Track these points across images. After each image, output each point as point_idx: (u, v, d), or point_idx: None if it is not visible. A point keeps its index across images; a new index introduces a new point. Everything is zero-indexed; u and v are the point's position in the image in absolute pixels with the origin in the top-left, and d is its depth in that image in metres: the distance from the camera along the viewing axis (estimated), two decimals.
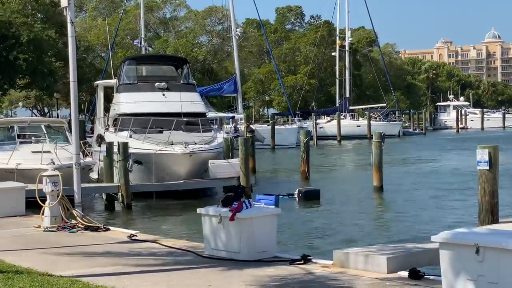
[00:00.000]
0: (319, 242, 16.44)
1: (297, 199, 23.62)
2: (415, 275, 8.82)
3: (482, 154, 12.32)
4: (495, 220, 12.44)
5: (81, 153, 21.62)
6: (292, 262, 10.22)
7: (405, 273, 8.98)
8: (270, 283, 9.03)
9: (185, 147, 23.96)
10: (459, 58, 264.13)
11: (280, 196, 23.00)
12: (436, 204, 22.71)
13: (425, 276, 8.85)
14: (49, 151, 21.12)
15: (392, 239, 15.02)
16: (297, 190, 24.11)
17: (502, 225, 10.79)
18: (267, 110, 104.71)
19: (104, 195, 23.25)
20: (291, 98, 79.14)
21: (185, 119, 26.26)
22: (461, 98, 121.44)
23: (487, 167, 12.41)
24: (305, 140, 30.59)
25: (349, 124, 78.17)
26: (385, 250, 9.84)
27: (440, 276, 7.88)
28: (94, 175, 26.36)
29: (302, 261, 10.17)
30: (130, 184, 22.36)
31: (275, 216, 10.89)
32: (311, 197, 23.72)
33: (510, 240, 6.86)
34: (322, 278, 9.19)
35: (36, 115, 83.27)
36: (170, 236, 15.48)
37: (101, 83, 35.81)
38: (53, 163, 17.87)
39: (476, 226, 12.13)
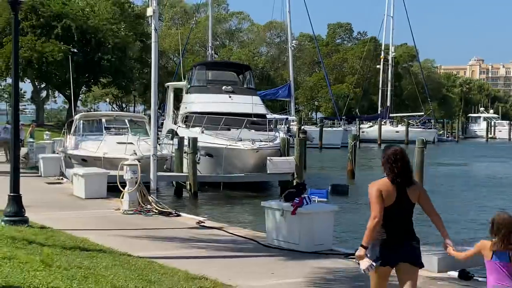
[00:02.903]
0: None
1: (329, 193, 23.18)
2: (464, 275, 8.32)
3: None
4: None
5: (158, 145, 21.62)
6: (347, 256, 9.79)
7: (454, 273, 8.49)
8: (327, 275, 8.64)
9: (253, 144, 23.76)
10: (489, 75, 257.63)
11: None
12: (477, 206, 21.77)
13: (474, 278, 8.32)
14: (131, 143, 21.05)
15: (435, 239, 14.37)
16: (330, 186, 23.78)
17: None
18: (315, 114, 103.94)
19: (174, 183, 23.16)
20: (337, 104, 78.27)
21: (254, 119, 26.20)
22: (491, 111, 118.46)
23: None
24: (353, 143, 30.00)
25: (388, 130, 76.83)
26: (434, 250, 9.31)
27: None
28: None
29: None
30: (198, 175, 22.21)
31: (333, 212, 10.52)
32: (340, 192, 23.39)
33: None
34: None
35: (115, 110, 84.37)
36: (232, 223, 15.16)
37: (171, 84, 35.76)
38: (135, 154, 17.86)
39: None
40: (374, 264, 5.22)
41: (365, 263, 5.22)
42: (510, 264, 4.99)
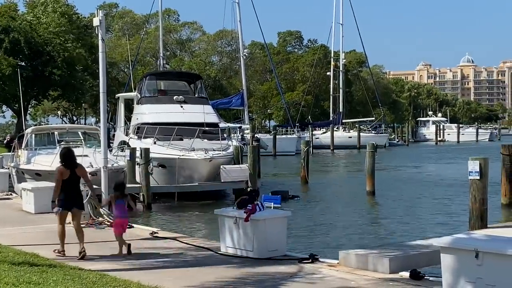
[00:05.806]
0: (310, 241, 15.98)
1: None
2: (416, 276, 8.43)
3: (474, 165, 11.88)
4: (484, 226, 11.99)
5: (114, 157, 21.16)
6: (300, 260, 9.82)
7: (406, 274, 8.59)
8: (282, 280, 8.64)
9: (206, 153, 23.64)
10: (437, 79, 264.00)
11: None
12: (424, 208, 22.15)
13: (425, 277, 8.45)
14: (87, 155, 20.53)
15: (387, 241, 14.57)
16: (270, 192, 23.80)
17: (493, 230, 10.37)
18: (269, 122, 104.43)
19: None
20: (289, 112, 78.87)
21: (206, 128, 26.07)
22: (439, 114, 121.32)
23: (478, 177, 11.97)
24: (305, 149, 30.18)
25: (341, 136, 77.82)
26: (386, 252, 9.44)
27: (440, 277, 7.53)
28: None
29: (310, 260, 9.78)
30: (151, 185, 21.96)
31: (286, 218, 10.51)
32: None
33: (508, 246, 6.58)
34: (329, 276, 8.81)
35: (65, 123, 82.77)
36: (187, 233, 15.04)
37: (122, 95, 35.27)
38: (92, 166, 17.47)
39: (467, 230, 11.73)
40: (59, 209, 10.42)
41: (55, 209, 10.51)
42: (125, 205, 10.93)
